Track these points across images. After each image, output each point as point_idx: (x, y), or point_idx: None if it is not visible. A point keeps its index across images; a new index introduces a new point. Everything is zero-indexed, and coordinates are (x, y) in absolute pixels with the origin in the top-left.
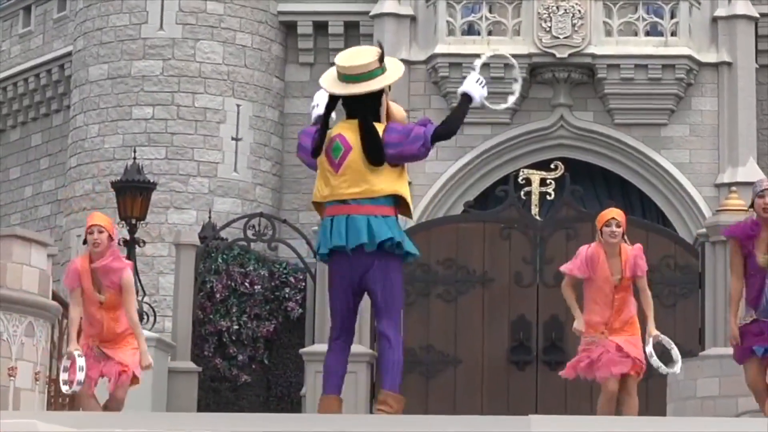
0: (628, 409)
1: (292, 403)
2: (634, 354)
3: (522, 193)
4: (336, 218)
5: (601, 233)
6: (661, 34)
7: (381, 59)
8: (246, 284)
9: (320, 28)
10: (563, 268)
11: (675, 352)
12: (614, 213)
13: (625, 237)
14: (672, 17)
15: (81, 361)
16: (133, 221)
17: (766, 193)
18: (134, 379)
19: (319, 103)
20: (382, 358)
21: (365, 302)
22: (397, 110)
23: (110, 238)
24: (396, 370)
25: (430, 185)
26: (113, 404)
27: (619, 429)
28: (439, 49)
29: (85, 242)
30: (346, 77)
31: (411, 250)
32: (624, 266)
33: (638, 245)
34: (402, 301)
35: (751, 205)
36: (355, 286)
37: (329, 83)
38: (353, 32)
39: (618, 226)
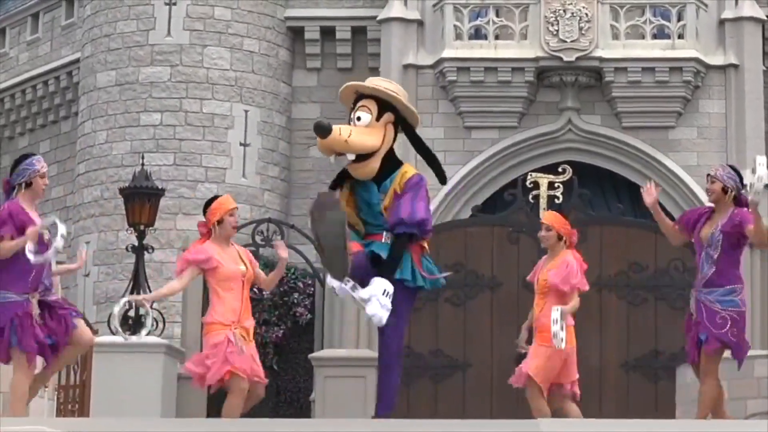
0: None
1: (301, 408)
2: (524, 368)
3: (530, 196)
4: None
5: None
6: (668, 36)
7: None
8: (254, 290)
9: (327, 33)
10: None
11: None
12: (545, 216)
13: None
14: (679, 20)
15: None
16: (142, 228)
17: (708, 178)
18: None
19: None
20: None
21: None
22: None
23: None
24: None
25: (438, 189)
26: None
27: (627, 431)
28: (447, 53)
29: (216, 224)
30: None
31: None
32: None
33: (576, 259)
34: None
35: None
36: None
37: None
38: (360, 37)
39: (548, 229)
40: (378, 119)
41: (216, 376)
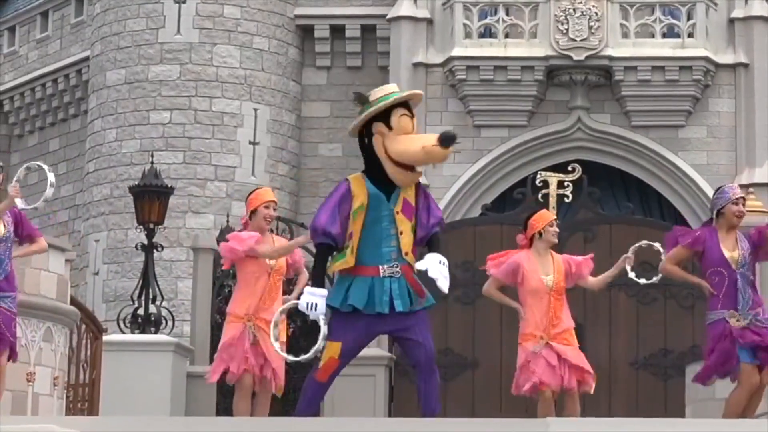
0: (568, 412)
1: None
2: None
3: (539, 195)
4: None
5: (544, 233)
6: (677, 35)
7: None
8: None
9: (337, 31)
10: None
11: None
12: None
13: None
14: (689, 19)
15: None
16: (151, 226)
17: (740, 201)
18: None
19: None
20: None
21: None
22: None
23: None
24: None
25: (447, 188)
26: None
27: (636, 431)
28: (456, 51)
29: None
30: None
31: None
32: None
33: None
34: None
35: (717, 212)
36: None
37: None
38: (370, 36)
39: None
40: None
41: (219, 373)
